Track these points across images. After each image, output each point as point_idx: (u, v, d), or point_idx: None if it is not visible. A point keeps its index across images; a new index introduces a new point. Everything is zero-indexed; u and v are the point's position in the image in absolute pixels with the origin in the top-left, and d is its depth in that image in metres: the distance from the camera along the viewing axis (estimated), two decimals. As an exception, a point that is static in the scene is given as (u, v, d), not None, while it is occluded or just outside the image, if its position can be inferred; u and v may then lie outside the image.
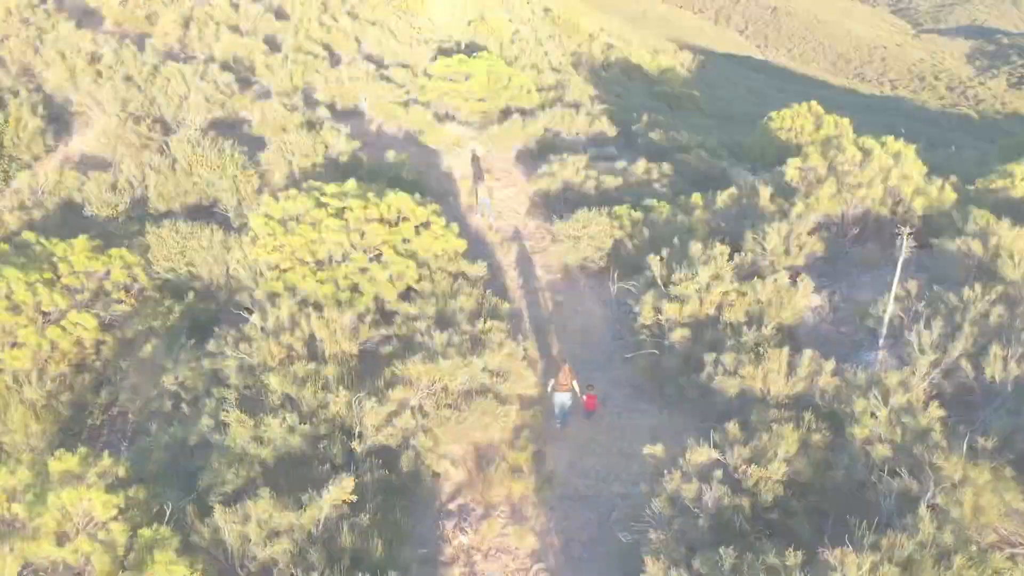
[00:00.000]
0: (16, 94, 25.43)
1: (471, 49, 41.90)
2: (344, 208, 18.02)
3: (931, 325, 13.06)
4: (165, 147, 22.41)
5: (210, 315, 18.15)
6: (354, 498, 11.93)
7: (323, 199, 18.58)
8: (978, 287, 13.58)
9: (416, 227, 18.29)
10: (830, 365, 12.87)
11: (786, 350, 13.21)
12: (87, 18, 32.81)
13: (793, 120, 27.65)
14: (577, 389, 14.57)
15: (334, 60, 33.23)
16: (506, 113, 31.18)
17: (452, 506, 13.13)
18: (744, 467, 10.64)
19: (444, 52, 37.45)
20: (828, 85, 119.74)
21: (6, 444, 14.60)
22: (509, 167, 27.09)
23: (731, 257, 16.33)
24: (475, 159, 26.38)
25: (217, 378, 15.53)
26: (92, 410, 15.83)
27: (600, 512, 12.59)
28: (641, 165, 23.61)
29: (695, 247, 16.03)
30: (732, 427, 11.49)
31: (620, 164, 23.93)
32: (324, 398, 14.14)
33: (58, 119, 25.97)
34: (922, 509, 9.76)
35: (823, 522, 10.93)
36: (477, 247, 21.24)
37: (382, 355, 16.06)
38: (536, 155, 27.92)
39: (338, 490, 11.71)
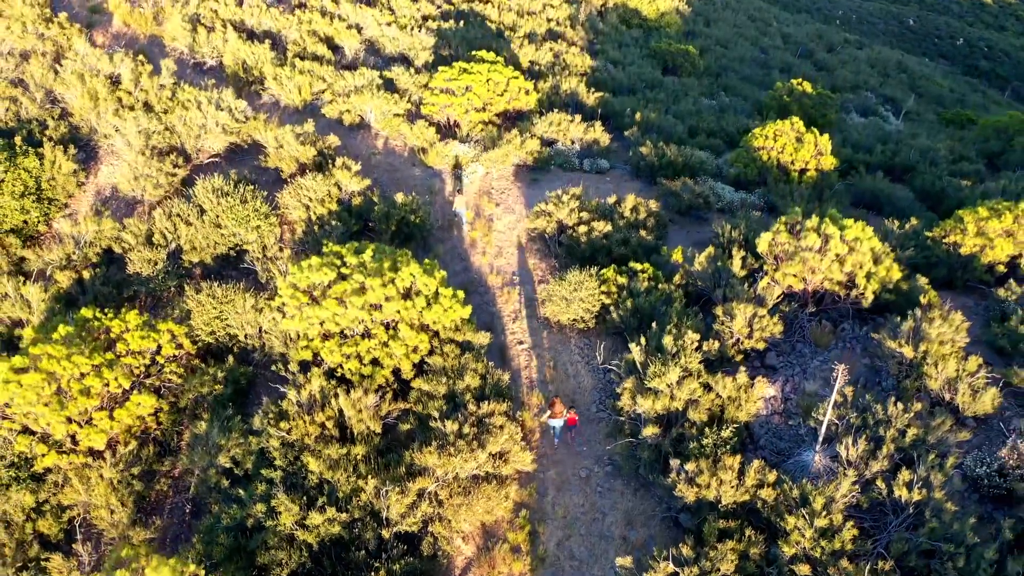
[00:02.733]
0: (44, 125, 27.07)
1: (469, 21, 42.53)
2: (364, 284, 20.33)
3: (857, 441, 15.87)
4: (192, 195, 24.35)
5: (249, 377, 20.85)
6: (386, 590, 15.14)
7: (343, 270, 20.87)
8: (900, 404, 16.27)
9: (427, 297, 20.66)
10: (772, 476, 15.74)
11: (739, 458, 16.03)
12: (96, 16, 33.65)
13: (776, 139, 29.29)
14: (566, 412, 18.73)
15: (338, 57, 34.31)
16: (505, 115, 32.76)
17: (464, 581, 16.33)
18: (692, 594, 13.74)
19: (442, 35, 38.31)
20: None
21: (93, 518, 17.65)
22: (509, 184, 28.99)
23: (700, 345, 18.89)
24: (457, 177, 28.56)
25: (264, 456, 18.44)
26: (159, 478, 18.84)
27: (582, 595, 15.81)
28: (629, 202, 25.64)
29: (668, 339, 18.54)
30: (685, 548, 14.50)
31: (611, 199, 25.93)
32: (356, 484, 17.10)
33: (85, 146, 27.69)
34: (823, 637, 12.93)
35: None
36: (478, 291, 23.71)
37: (401, 430, 18.94)
38: (534, 169, 29.91)
39: (374, 589, 14.87)
